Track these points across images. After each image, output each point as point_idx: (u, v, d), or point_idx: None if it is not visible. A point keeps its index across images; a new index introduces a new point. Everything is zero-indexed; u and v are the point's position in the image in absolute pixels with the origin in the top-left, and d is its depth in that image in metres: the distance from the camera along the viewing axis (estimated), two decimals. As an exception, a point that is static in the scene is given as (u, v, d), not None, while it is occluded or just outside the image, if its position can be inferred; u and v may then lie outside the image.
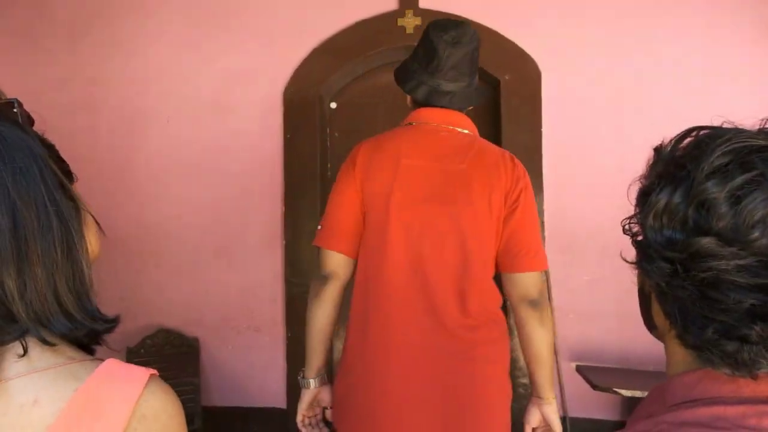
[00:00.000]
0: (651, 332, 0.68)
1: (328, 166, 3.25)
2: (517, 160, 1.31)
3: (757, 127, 0.55)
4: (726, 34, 2.74)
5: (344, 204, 1.35)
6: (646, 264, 0.56)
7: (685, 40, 2.78)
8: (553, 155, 2.86)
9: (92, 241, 0.70)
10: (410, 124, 1.37)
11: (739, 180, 0.48)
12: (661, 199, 0.54)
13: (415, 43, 2.92)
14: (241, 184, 3.08)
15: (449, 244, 1.24)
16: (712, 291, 0.49)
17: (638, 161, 2.56)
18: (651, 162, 0.62)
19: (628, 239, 2.56)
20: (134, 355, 2.85)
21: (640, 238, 0.59)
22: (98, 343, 0.67)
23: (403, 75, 1.40)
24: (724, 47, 2.74)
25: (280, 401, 3.02)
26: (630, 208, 2.50)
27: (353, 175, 1.35)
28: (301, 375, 1.44)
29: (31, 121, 0.69)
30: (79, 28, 3.26)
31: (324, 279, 1.34)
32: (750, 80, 2.72)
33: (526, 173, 1.31)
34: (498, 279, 1.41)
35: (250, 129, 3.07)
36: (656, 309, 0.61)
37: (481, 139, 1.36)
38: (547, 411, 1.33)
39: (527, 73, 2.88)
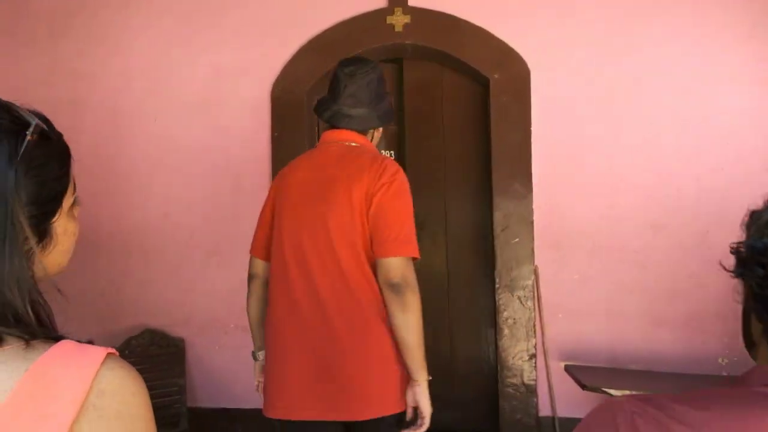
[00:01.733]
0: (749, 352, 0.71)
1: (317, 164, 3.21)
2: (389, 165, 1.49)
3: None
4: (716, 33, 2.75)
5: (261, 218, 1.73)
6: (741, 269, 0.63)
7: (675, 39, 2.78)
8: (543, 154, 2.86)
9: (61, 251, 0.68)
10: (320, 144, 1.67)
11: None
12: (763, 216, 0.63)
13: (405, 42, 2.95)
14: (229, 182, 3.04)
15: (320, 235, 1.48)
16: None
17: (627, 160, 2.58)
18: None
19: (618, 238, 2.57)
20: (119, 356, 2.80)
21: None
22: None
23: (318, 104, 1.67)
24: (714, 47, 2.75)
25: (267, 402, 2.98)
26: (619, 206, 2.50)
27: (270, 194, 1.70)
28: (252, 352, 1.83)
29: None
30: (60, 22, 3.20)
31: (250, 278, 1.77)
32: (740, 80, 2.73)
33: (396, 175, 1.47)
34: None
35: (238, 127, 3.03)
36: (754, 323, 0.67)
37: (366, 149, 1.56)
38: (416, 392, 1.46)
39: (516, 71, 2.87)
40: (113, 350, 0.61)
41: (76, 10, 3.20)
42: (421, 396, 1.45)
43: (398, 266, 1.40)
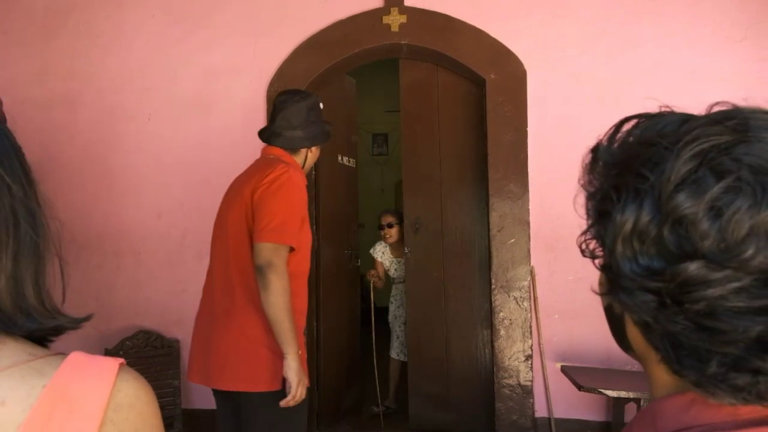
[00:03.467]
0: (626, 353, 0.57)
1: (313, 165, 3.19)
2: (278, 169, 1.65)
3: (703, 113, 0.48)
4: (708, 33, 2.76)
5: None
6: (624, 297, 0.47)
7: (669, 39, 2.79)
8: (539, 154, 2.85)
9: None
10: None
11: (715, 189, 0.41)
12: (627, 219, 0.45)
13: (401, 42, 2.94)
14: (223, 182, 3.00)
15: (224, 231, 1.73)
16: (710, 321, 0.41)
17: None
18: (589, 164, 0.53)
19: None
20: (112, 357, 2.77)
21: (600, 259, 0.52)
22: (56, 336, 0.63)
23: (262, 128, 1.92)
24: (707, 47, 2.76)
25: (262, 404, 2.96)
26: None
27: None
28: None
29: (3, 119, 0.68)
30: (54, 21, 3.18)
31: None
32: (733, 79, 2.74)
33: (282, 177, 1.63)
34: None
35: (233, 127, 3.01)
36: (633, 333, 0.52)
37: (276, 160, 1.73)
38: (284, 365, 1.58)
39: (512, 71, 2.87)
40: (123, 360, 0.60)
41: (69, 9, 3.18)
42: (288, 369, 1.56)
43: (264, 250, 1.56)
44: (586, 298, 2.83)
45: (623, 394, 2.28)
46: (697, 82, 2.76)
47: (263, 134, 1.84)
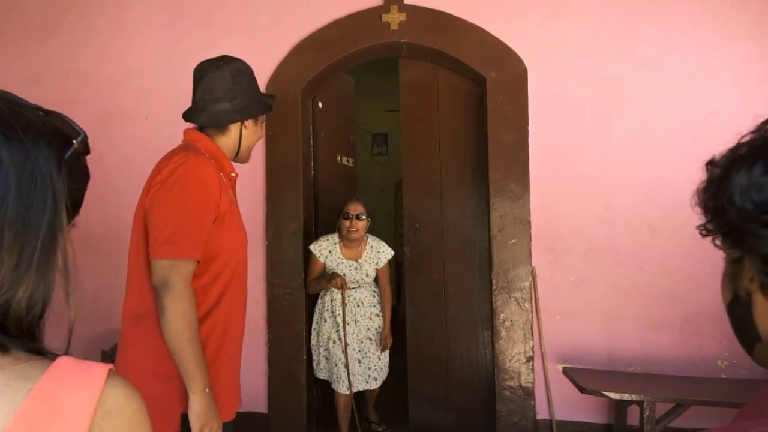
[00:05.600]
0: (752, 351, 0.60)
1: (312, 165, 3.17)
2: (175, 161, 1.34)
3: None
4: (708, 33, 2.73)
5: None
6: (751, 239, 0.54)
7: (669, 39, 2.76)
8: (540, 154, 2.82)
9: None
10: None
11: None
12: (741, 178, 0.55)
13: (401, 40, 2.91)
14: (221, 182, 2.99)
15: (130, 249, 1.43)
16: None
17: (624, 160, 2.53)
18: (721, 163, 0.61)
19: (615, 239, 2.50)
20: (109, 359, 2.75)
21: (722, 230, 0.58)
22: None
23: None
24: (707, 46, 2.73)
25: (260, 406, 2.94)
26: (615, 207, 2.44)
27: None
28: None
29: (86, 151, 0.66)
30: (51, 20, 3.15)
31: None
32: (733, 79, 2.71)
33: (177, 170, 1.32)
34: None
35: (231, 126, 2.98)
36: (762, 311, 0.57)
37: (182, 147, 1.43)
38: (189, 404, 1.30)
39: (513, 70, 2.84)
40: (112, 366, 0.58)
41: (67, 8, 3.15)
42: (190, 411, 1.29)
43: (158, 269, 1.28)
44: (588, 299, 2.82)
45: (626, 396, 2.25)
46: (699, 80, 2.73)
47: (186, 113, 1.52)
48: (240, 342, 1.50)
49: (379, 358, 2.86)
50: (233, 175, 1.52)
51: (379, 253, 2.89)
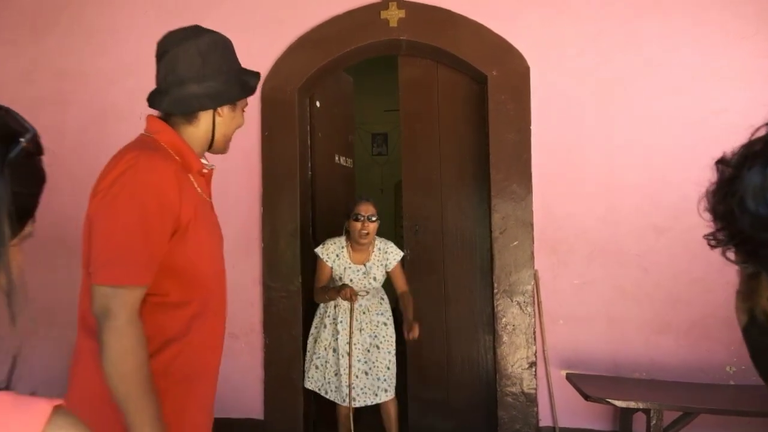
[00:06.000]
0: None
1: (309, 165, 3.11)
2: (124, 162, 1.09)
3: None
4: (713, 30, 2.66)
5: None
6: (766, 251, 0.47)
7: (673, 37, 2.69)
8: (542, 154, 2.75)
9: None
10: None
11: None
12: (754, 177, 0.48)
13: (400, 37, 2.85)
14: (216, 183, 2.88)
15: (82, 265, 1.19)
16: None
17: (629, 160, 2.45)
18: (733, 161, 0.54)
19: (619, 241, 2.41)
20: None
21: (731, 248, 0.52)
22: None
23: None
24: (712, 43, 2.66)
25: (256, 412, 2.87)
26: (620, 208, 2.35)
27: None
28: None
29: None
30: (44, 19, 3.10)
31: None
32: (738, 76, 2.64)
33: (125, 174, 1.07)
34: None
35: (226, 126, 2.91)
36: None
37: (136, 144, 1.19)
38: None
39: (515, 68, 2.77)
40: (60, 402, 0.51)
41: (61, 7, 3.09)
42: None
43: (98, 296, 1.05)
44: (592, 303, 2.75)
45: (632, 404, 2.19)
46: (703, 78, 2.66)
47: (149, 96, 1.25)
48: (216, 366, 1.29)
49: (388, 368, 2.58)
50: (205, 171, 1.28)
51: (387, 254, 2.64)
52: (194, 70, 1.20)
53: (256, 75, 1.32)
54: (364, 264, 2.60)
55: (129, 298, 1.05)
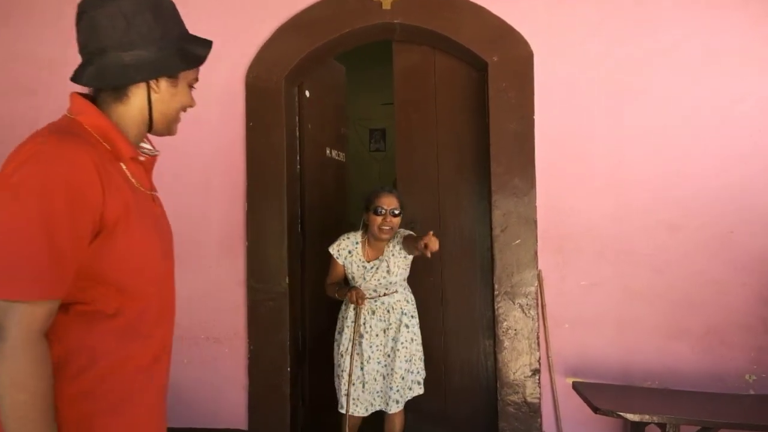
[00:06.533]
0: None
1: (298, 159, 2.92)
2: (24, 152, 0.91)
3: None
4: (729, 13, 2.47)
5: None
6: None
7: (687, 20, 2.50)
8: (547, 146, 2.57)
9: None
10: None
11: None
12: None
13: (394, 21, 2.66)
14: (197, 178, 2.75)
15: None
16: None
17: (640, 152, 2.20)
18: None
19: (629, 239, 2.18)
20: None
21: None
22: None
23: None
24: (728, 27, 2.47)
25: (240, 422, 2.69)
26: (630, 204, 2.13)
27: None
28: None
29: None
30: (17, 4, 2.91)
31: None
32: (756, 62, 2.45)
33: (22, 167, 0.89)
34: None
35: (208, 117, 2.73)
36: None
37: (55, 123, 1.03)
38: None
39: (517, 54, 2.58)
40: None
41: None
42: None
43: None
44: (600, 306, 2.56)
45: (646, 417, 2.00)
46: (718, 64, 2.47)
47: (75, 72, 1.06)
48: (160, 388, 1.09)
49: (402, 378, 2.34)
50: (143, 158, 1.09)
51: (400, 239, 2.37)
52: (117, 36, 1.01)
53: (205, 43, 1.14)
54: (377, 259, 2.37)
55: (26, 315, 0.86)
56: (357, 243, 2.39)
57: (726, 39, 2.48)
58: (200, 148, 2.74)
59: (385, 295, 2.39)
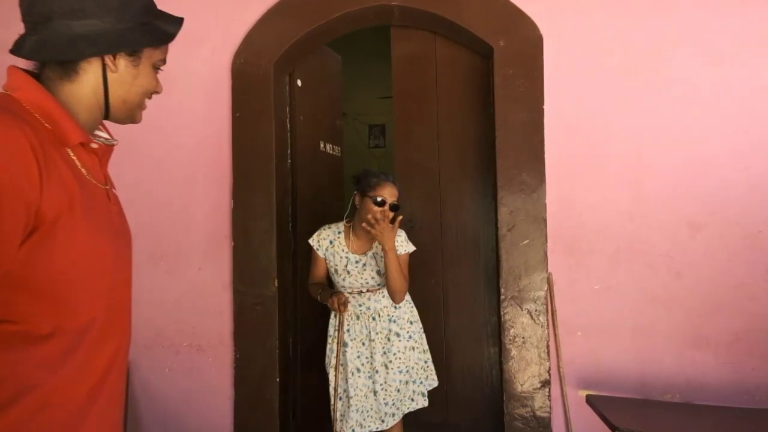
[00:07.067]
0: None
1: (289, 153, 2.73)
2: None
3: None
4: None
5: None
6: None
7: (712, 0, 2.29)
8: (558, 138, 2.37)
9: None
10: None
11: None
12: None
13: (392, 3, 2.46)
14: (180, 173, 2.55)
15: None
16: None
17: (659, 144, 1.91)
18: None
19: (646, 239, 1.87)
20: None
21: None
22: None
23: None
24: (758, 8, 2.26)
25: (225, 437, 2.49)
26: (648, 200, 1.87)
27: None
28: None
29: None
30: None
31: None
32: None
33: None
34: None
35: (191, 107, 2.54)
36: None
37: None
38: None
39: (526, 37, 2.38)
40: None
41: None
42: None
43: None
44: (616, 312, 2.36)
45: (671, 438, 1.80)
46: (746, 47, 2.27)
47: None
48: (114, 425, 0.93)
49: (398, 390, 2.16)
50: (95, 146, 0.92)
51: (395, 243, 2.12)
52: (67, 1, 0.86)
53: (175, 20, 0.99)
54: (364, 254, 2.17)
55: None
56: (339, 232, 2.20)
57: (758, 19, 2.27)
58: (182, 140, 2.54)
59: (370, 291, 2.19)
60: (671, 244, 2.31)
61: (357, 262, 2.16)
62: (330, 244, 2.19)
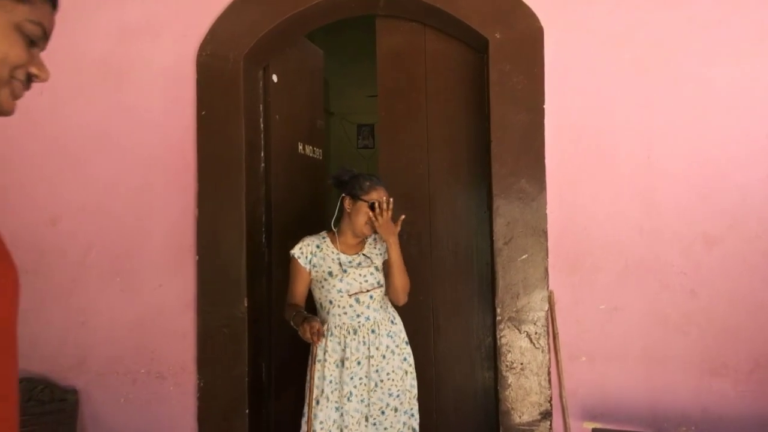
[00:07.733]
0: None
1: (262, 156, 2.47)
2: None
3: None
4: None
5: None
6: None
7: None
8: (559, 141, 2.14)
9: None
10: None
11: None
12: None
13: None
14: (136, 180, 2.29)
15: None
16: None
17: (671, 149, 1.56)
18: None
19: (657, 255, 1.47)
20: None
21: None
22: None
23: None
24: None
25: (188, 475, 2.23)
26: (660, 211, 1.57)
27: None
28: None
29: None
30: None
31: None
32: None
33: None
34: None
35: (152, 103, 2.29)
36: None
37: None
38: None
39: (524, 29, 2.15)
40: None
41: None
42: None
43: None
44: (624, 335, 2.12)
45: (694, 490, 1.56)
46: (762, 43, 2.05)
47: None
48: None
49: (383, 412, 1.97)
50: None
51: (382, 244, 2.09)
52: None
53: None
54: (357, 254, 2.03)
55: None
56: (324, 238, 2.05)
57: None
58: (140, 143, 2.28)
59: (370, 291, 1.99)
60: (685, 260, 2.08)
61: (350, 261, 2.01)
62: (317, 248, 2.01)
